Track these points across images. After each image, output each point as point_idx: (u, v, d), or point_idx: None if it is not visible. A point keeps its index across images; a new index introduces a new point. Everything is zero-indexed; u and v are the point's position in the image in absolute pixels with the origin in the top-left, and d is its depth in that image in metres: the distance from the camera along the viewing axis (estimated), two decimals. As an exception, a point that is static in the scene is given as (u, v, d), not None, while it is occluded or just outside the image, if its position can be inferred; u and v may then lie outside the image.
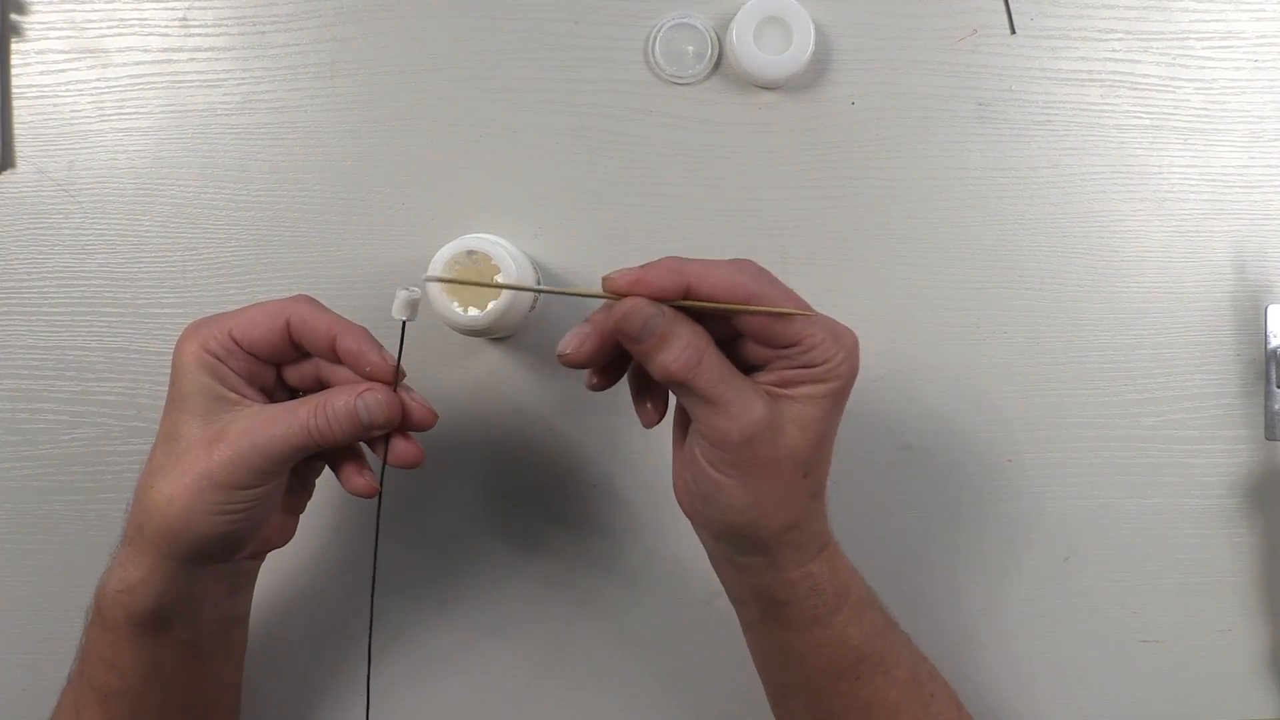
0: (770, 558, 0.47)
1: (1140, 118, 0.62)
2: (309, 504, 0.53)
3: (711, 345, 0.44)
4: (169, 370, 0.47)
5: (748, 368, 0.46)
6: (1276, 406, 0.60)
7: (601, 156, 0.61)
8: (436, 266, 0.52)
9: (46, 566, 0.61)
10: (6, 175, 0.60)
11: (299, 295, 0.48)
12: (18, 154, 0.60)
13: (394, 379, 0.47)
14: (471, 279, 0.52)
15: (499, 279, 0.52)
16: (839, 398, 0.46)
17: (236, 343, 0.46)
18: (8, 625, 0.61)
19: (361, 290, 0.60)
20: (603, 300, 0.44)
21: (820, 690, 0.50)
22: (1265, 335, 0.61)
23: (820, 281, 0.61)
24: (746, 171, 0.61)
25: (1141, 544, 0.62)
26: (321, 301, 0.48)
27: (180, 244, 0.60)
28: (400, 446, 0.48)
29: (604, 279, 0.43)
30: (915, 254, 0.61)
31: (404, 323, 0.47)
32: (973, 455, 0.61)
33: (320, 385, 0.49)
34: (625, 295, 0.43)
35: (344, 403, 0.46)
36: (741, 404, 0.44)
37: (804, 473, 0.46)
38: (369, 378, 0.47)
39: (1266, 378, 0.61)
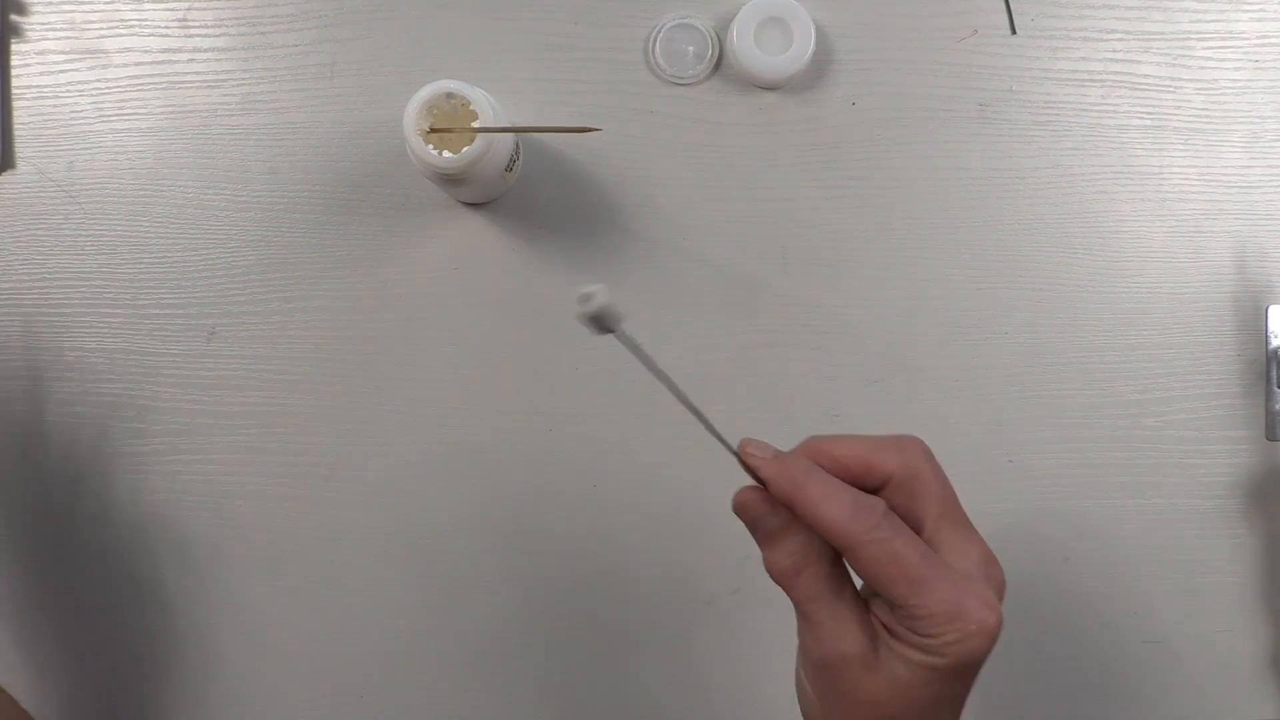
0: None
1: (1141, 118, 0.62)
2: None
3: (820, 561, 0.41)
4: (169, 370, 0.46)
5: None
6: (1277, 406, 0.60)
7: (602, 157, 0.61)
8: (413, 107, 0.51)
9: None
10: (6, 175, 0.60)
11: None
12: (18, 154, 0.60)
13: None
14: (449, 122, 0.51)
15: (476, 125, 0.51)
16: (948, 675, 0.40)
17: None
18: (7, 626, 0.61)
19: (361, 290, 0.60)
20: None
21: None
22: (1265, 335, 0.61)
23: (820, 281, 0.61)
24: (746, 171, 0.61)
25: (1141, 544, 0.62)
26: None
27: (180, 244, 0.60)
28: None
29: (743, 443, 0.41)
30: (915, 254, 0.61)
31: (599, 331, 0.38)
32: (973, 455, 0.61)
33: None
34: (747, 468, 0.41)
35: None
36: (831, 630, 0.41)
37: None
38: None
39: (1267, 378, 0.61)
